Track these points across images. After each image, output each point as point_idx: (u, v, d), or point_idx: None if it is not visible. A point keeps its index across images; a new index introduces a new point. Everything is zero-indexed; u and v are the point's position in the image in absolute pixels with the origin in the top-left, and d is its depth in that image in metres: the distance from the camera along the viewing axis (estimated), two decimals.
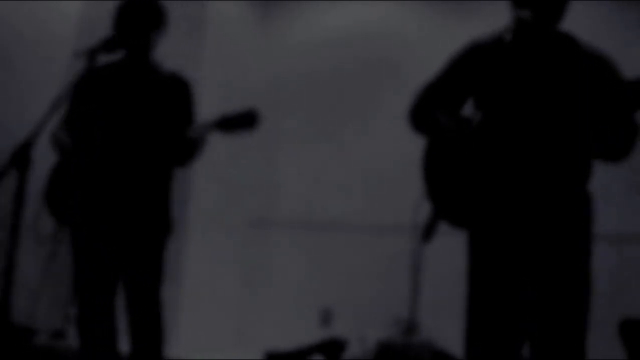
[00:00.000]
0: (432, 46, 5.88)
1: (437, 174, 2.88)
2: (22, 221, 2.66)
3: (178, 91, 3.54)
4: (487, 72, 2.79)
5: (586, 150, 2.73)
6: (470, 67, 2.85)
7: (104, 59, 3.21)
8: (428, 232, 2.93)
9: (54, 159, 3.53)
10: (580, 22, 3.14)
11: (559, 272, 2.65)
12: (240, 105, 3.45)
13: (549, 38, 2.77)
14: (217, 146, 4.39)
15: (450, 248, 3.13)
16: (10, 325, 2.82)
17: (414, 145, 3.09)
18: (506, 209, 2.69)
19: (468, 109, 2.87)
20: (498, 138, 2.72)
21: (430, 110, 2.91)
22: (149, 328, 3.41)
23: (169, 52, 3.88)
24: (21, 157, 2.66)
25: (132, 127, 3.42)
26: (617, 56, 2.80)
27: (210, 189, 5.77)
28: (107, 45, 3.11)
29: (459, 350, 2.87)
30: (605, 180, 3.05)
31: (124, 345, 3.45)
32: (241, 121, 3.27)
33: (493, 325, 2.69)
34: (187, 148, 3.38)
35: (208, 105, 4.50)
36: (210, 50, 5.52)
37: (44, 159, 3.25)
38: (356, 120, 6.30)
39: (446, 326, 4.03)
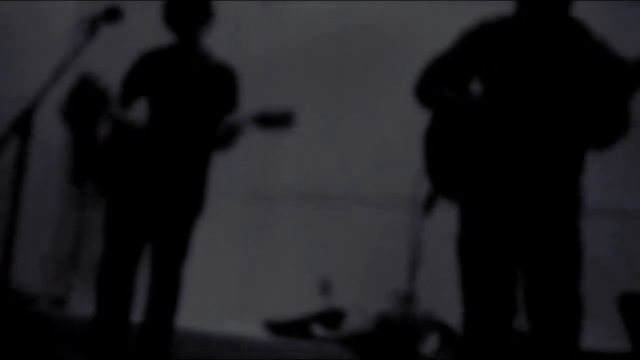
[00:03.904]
0: (437, 21, 5.84)
1: (437, 148, 2.89)
2: (24, 188, 2.66)
3: (224, 80, 3.74)
4: (492, 51, 2.81)
5: (583, 132, 2.74)
6: (477, 45, 2.86)
7: (105, 28, 3.22)
8: (428, 205, 2.95)
9: (59, 129, 3.59)
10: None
11: (548, 244, 2.69)
12: (242, 76, 3.55)
13: (555, 20, 2.76)
14: None
15: (450, 220, 3.14)
16: (10, 292, 2.84)
17: (415, 117, 3.09)
18: (499, 183, 2.70)
19: (475, 86, 2.88)
20: (497, 115, 2.73)
21: (436, 85, 2.92)
22: (165, 300, 3.62)
23: None
24: (23, 123, 2.66)
25: (179, 111, 3.62)
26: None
27: None
28: (110, 14, 3.11)
29: (458, 321, 2.89)
30: (610, 155, 3.05)
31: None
32: (278, 120, 3.47)
33: (486, 295, 2.74)
34: (226, 135, 3.54)
35: None
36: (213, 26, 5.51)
37: (46, 127, 3.25)
38: (357, 92, 6.27)
39: (445, 298, 4.04)
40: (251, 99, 3.90)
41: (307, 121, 6.36)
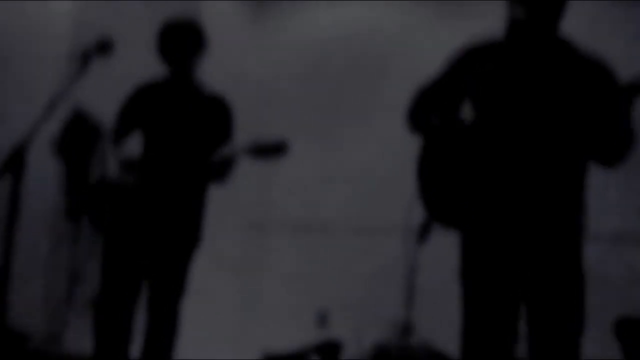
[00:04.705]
0: (427, 45, 5.86)
1: (431, 175, 2.88)
2: (19, 225, 2.65)
3: (218, 111, 3.76)
4: (481, 75, 2.79)
5: (580, 155, 2.73)
6: (466, 70, 2.85)
7: (98, 61, 3.22)
8: (423, 233, 2.94)
9: (51, 163, 3.59)
10: (581, 21, 3.13)
11: (550, 272, 2.66)
12: (235, 102, 3.63)
13: (543, 41, 2.76)
14: None
15: (446, 249, 3.13)
16: (6, 330, 2.82)
17: (409, 146, 3.09)
18: (497, 211, 2.69)
19: (466, 111, 2.88)
20: (490, 141, 2.72)
21: (427, 112, 2.92)
22: (163, 337, 3.60)
23: None
24: (15, 160, 2.65)
25: (174, 144, 3.64)
26: (619, 55, 2.79)
27: None
28: (102, 47, 3.12)
29: (455, 351, 2.87)
30: (619, 180, 3.04)
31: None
32: (271, 150, 3.48)
33: (487, 326, 2.71)
34: (221, 167, 3.55)
35: None
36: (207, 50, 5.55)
37: (38, 162, 3.24)
38: (352, 120, 6.28)
39: (442, 327, 4.02)
40: (243, 127, 3.91)
41: (300, 151, 6.40)
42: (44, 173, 3.70)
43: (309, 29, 6.62)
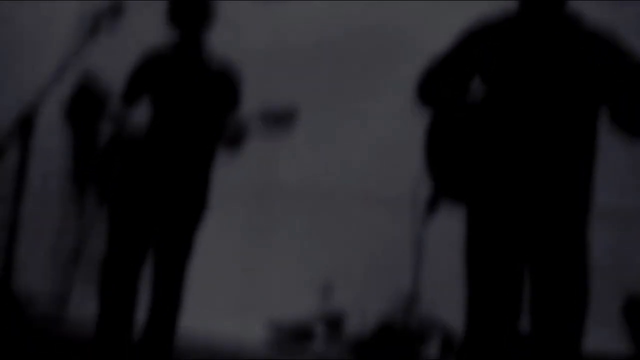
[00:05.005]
0: (438, 21, 5.82)
1: (438, 148, 2.87)
2: (26, 189, 2.65)
3: (227, 78, 3.75)
4: (492, 50, 2.78)
5: (590, 132, 2.72)
6: (476, 45, 2.84)
7: (108, 25, 3.21)
8: (431, 207, 2.93)
9: (61, 128, 3.59)
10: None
11: (555, 248, 2.66)
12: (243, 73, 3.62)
13: (554, 15, 2.74)
14: None
15: (452, 222, 3.12)
16: (11, 294, 2.83)
17: (419, 117, 3.07)
18: (505, 185, 2.68)
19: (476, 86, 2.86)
20: (499, 115, 2.71)
21: (437, 86, 2.91)
22: (169, 301, 3.61)
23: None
24: (24, 125, 2.64)
25: (181, 110, 3.63)
26: None
27: None
28: (112, 11, 3.10)
29: (460, 324, 2.88)
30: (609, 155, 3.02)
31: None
32: (281, 118, 3.47)
33: (490, 300, 2.71)
34: (235, 135, 3.53)
35: None
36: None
37: (47, 127, 3.23)
38: (358, 91, 6.27)
39: (447, 300, 4.02)
40: (251, 99, 3.90)
41: (308, 121, 6.38)
42: (53, 138, 3.70)
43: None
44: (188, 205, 3.61)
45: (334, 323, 5.39)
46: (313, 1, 6.55)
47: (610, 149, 2.99)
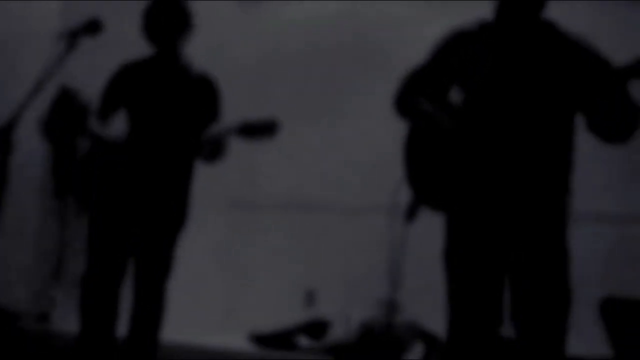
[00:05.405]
0: (419, 29, 5.85)
1: (417, 158, 2.90)
2: (6, 204, 2.65)
3: (205, 90, 3.73)
4: (469, 59, 2.81)
5: (567, 139, 2.75)
6: (453, 54, 2.87)
7: (86, 40, 3.22)
8: (411, 214, 2.95)
9: (39, 143, 3.58)
10: (580, 21, 3.13)
11: (533, 249, 2.69)
12: (225, 85, 3.62)
13: (531, 23, 2.77)
14: None
15: (432, 228, 3.15)
16: None
17: (397, 127, 3.10)
18: (484, 193, 2.71)
19: (454, 95, 2.89)
20: (477, 124, 2.74)
21: (415, 96, 2.93)
22: (149, 315, 3.59)
23: None
24: (4, 139, 2.64)
25: (159, 123, 3.61)
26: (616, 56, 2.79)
27: None
28: (90, 27, 3.11)
29: (441, 329, 2.90)
30: (605, 161, 3.06)
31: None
32: (261, 130, 3.44)
33: (471, 306, 2.74)
34: (211, 147, 3.52)
35: None
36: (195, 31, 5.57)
37: (26, 141, 3.23)
38: (340, 102, 6.28)
39: (428, 306, 4.04)
40: (233, 108, 3.90)
41: (288, 130, 6.41)
42: (32, 153, 3.69)
43: (301, 10, 6.59)
44: (167, 217, 3.60)
45: (317, 330, 5.39)
46: (295, 8, 6.58)
47: (609, 157, 3.02)
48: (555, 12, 2.85)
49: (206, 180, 4.67)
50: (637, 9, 5.39)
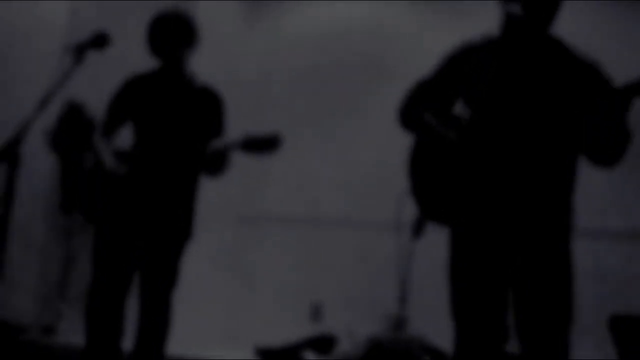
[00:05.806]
0: (422, 43, 5.89)
1: (422, 171, 2.90)
2: (13, 218, 2.65)
3: (209, 103, 3.73)
4: (475, 73, 2.80)
5: (570, 154, 2.74)
6: (460, 68, 2.86)
7: (93, 54, 3.22)
8: (418, 228, 2.95)
9: (46, 157, 3.58)
10: (578, 22, 3.13)
11: (537, 265, 2.68)
12: (230, 100, 3.60)
13: (538, 39, 2.77)
14: None
15: (439, 243, 3.15)
16: (0, 322, 2.82)
17: (402, 141, 3.10)
18: (488, 208, 2.71)
19: (459, 108, 2.88)
20: (482, 138, 2.74)
21: (420, 109, 2.93)
22: (155, 328, 3.58)
23: None
24: (10, 154, 2.65)
25: (165, 136, 3.62)
26: (616, 57, 2.78)
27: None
28: (97, 41, 3.12)
29: (448, 344, 2.89)
30: (611, 178, 3.04)
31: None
32: (265, 144, 3.41)
33: (478, 319, 2.73)
34: (215, 160, 3.52)
35: None
36: (200, 47, 5.58)
37: (33, 155, 3.24)
38: (344, 116, 6.29)
39: (435, 321, 4.03)
40: (237, 122, 3.91)
41: (293, 146, 6.42)
42: (38, 166, 3.69)
43: (305, 26, 6.62)
44: (172, 230, 3.60)
45: (324, 345, 5.38)
46: (302, 23, 6.60)
47: (615, 174, 3.01)
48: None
49: (213, 194, 4.70)
50: (637, 9, 5.40)
